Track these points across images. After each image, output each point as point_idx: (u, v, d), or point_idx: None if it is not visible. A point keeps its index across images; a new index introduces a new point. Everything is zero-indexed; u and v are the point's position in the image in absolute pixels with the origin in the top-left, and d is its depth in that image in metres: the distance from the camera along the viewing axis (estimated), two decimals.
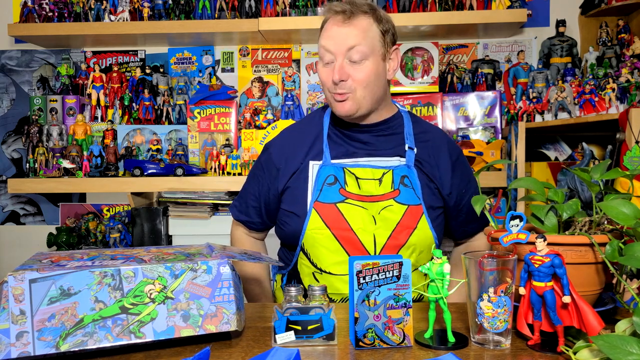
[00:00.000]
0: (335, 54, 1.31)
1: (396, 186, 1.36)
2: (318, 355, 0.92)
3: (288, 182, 1.42)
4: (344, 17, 1.30)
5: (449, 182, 1.41)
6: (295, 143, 1.45)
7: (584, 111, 2.03)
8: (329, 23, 1.33)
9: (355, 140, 1.41)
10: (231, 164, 2.31)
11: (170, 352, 0.94)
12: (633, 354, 0.72)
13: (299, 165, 1.41)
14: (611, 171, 1.02)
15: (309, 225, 1.35)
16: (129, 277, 0.92)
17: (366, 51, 1.30)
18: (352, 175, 1.37)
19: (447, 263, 0.95)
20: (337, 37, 1.30)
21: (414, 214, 1.35)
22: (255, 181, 1.50)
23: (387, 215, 1.34)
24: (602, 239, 0.95)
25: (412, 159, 1.39)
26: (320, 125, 1.45)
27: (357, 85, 1.31)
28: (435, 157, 1.42)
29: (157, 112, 2.57)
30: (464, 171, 1.46)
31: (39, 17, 2.51)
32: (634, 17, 2.37)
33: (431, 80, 2.55)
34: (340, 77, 1.29)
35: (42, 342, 0.87)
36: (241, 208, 1.53)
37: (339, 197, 1.35)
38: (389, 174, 1.37)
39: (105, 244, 2.54)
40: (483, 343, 0.95)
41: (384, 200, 1.35)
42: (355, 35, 1.29)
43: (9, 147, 2.80)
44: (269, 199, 1.46)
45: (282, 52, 2.71)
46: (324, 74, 1.35)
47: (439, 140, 1.46)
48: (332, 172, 1.37)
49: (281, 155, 1.44)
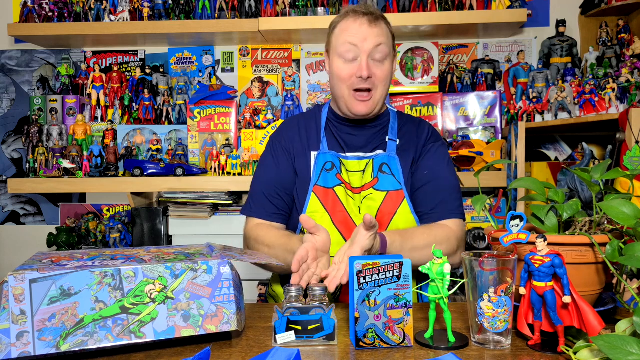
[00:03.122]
0: (362, 51, 1.36)
1: (375, 174, 1.43)
2: (318, 355, 0.92)
3: (296, 166, 1.48)
4: (370, 18, 1.38)
5: (423, 160, 1.47)
6: (298, 132, 1.52)
7: (584, 111, 2.03)
8: (353, 23, 1.38)
9: (347, 136, 1.49)
10: (231, 164, 2.31)
11: (171, 352, 0.94)
12: (633, 354, 0.72)
13: (302, 152, 1.49)
14: (611, 171, 1.02)
15: (308, 208, 1.42)
16: (130, 277, 0.92)
17: (387, 51, 1.40)
18: (344, 166, 1.45)
19: (447, 263, 0.95)
20: (365, 35, 1.36)
21: (394, 199, 1.41)
22: (271, 168, 1.49)
23: (368, 203, 1.42)
24: (602, 239, 0.95)
25: (393, 148, 1.46)
26: (319, 119, 1.53)
27: (378, 84, 1.40)
28: (416, 141, 1.49)
29: (157, 112, 2.57)
30: (435, 153, 1.49)
31: (39, 17, 2.51)
32: (634, 17, 2.37)
33: (431, 80, 2.55)
34: (369, 74, 1.36)
35: (43, 342, 0.87)
36: (261, 204, 1.48)
37: (336, 181, 1.43)
38: (370, 163, 1.44)
39: (105, 244, 2.54)
40: (483, 343, 0.95)
41: (365, 190, 1.43)
42: (381, 35, 1.38)
43: (9, 147, 2.80)
44: (286, 182, 1.48)
45: (282, 52, 2.71)
46: (346, 70, 1.39)
47: (421, 126, 1.53)
48: (330, 158, 1.45)
49: (289, 142, 1.51)
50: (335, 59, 1.41)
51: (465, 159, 2.28)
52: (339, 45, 1.39)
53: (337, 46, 1.40)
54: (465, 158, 2.27)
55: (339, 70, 1.40)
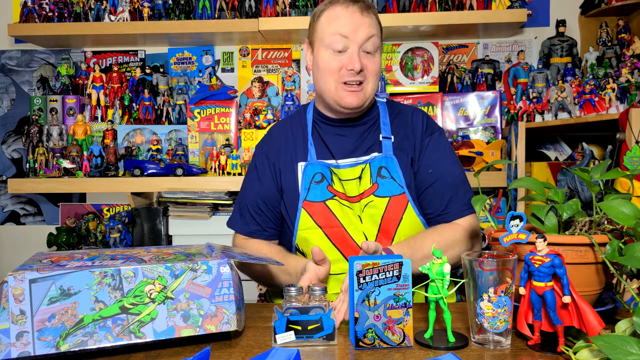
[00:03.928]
0: (353, 42, 1.27)
1: (374, 180, 1.34)
2: (318, 355, 0.92)
3: (282, 181, 1.40)
4: (361, 6, 1.28)
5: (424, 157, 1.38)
6: (285, 142, 1.42)
7: (584, 111, 2.03)
8: (343, 11, 1.28)
9: (335, 139, 1.39)
10: (231, 164, 2.31)
11: (171, 352, 0.94)
12: (633, 354, 0.72)
13: (289, 165, 1.40)
14: (611, 171, 1.02)
15: (299, 225, 1.34)
16: (129, 277, 0.92)
17: (378, 43, 1.31)
18: (336, 176, 1.36)
19: (447, 263, 0.95)
20: (357, 25, 1.26)
21: (398, 205, 1.32)
22: (255, 183, 1.43)
23: (370, 211, 1.33)
24: (602, 239, 0.95)
25: (389, 147, 1.36)
26: (304, 122, 1.43)
27: (370, 77, 1.30)
28: (412, 137, 1.39)
29: (157, 112, 2.57)
30: (434, 147, 1.40)
31: (39, 17, 2.51)
32: (634, 17, 2.37)
33: (431, 80, 2.55)
34: (360, 66, 1.27)
35: (42, 342, 0.87)
36: (245, 220, 1.43)
37: (327, 194, 1.33)
38: (367, 168, 1.34)
39: (105, 244, 2.54)
40: (483, 343, 0.95)
41: (365, 197, 1.33)
42: (372, 25, 1.29)
43: (9, 147, 2.80)
44: (271, 198, 1.41)
45: (282, 52, 2.71)
46: (334, 63, 1.28)
47: (413, 118, 1.42)
48: (319, 169, 1.35)
49: (275, 154, 1.42)
50: (322, 49, 1.30)
51: (465, 159, 2.28)
52: (327, 35, 1.28)
53: (324, 37, 1.28)
54: (465, 158, 2.27)
55: (326, 63, 1.29)
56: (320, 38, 1.31)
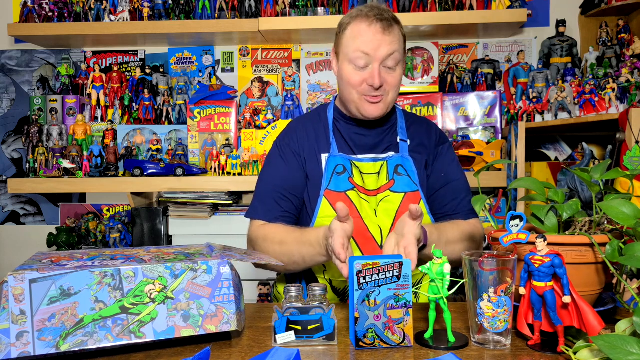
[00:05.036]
0: (374, 59, 1.33)
1: (391, 176, 1.41)
2: (318, 355, 0.92)
3: (307, 169, 1.44)
4: (384, 25, 1.33)
5: (437, 163, 1.48)
6: (307, 134, 1.48)
7: (584, 111, 2.03)
8: (367, 29, 1.33)
9: (356, 136, 1.46)
10: (231, 164, 2.31)
11: (171, 352, 0.94)
12: (633, 354, 0.72)
13: (312, 155, 1.45)
14: (611, 171, 1.02)
15: (319, 212, 1.39)
16: (129, 277, 0.92)
17: (399, 58, 1.37)
18: (357, 168, 1.42)
19: (447, 263, 0.95)
20: (379, 43, 1.32)
21: (412, 201, 1.39)
22: (281, 170, 1.45)
23: (385, 206, 1.39)
24: (602, 239, 0.95)
25: (405, 149, 1.45)
26: (325, 120, 1.50)
27: (390, 90, 1.37)
28: (427, 144, 1.49)
29: (157, 112, 2.57)
30: (446, 155, 1.51)
31: (39, 17, 2.51)
32: (634, 17, 2.37)
33: (431, 80, 2.55)
34: (380, 82, 1.34)
35: (42, 342, 0.87)
36: (268, 207, 1.44)
37: (348, 185, 1.40)
38: (384, 165, 1.42)
39: (105, 244, 2.54)
40: (483, 343, 0.95)
41: (382, 192, 1.40)
42: (394, 42, 1.34)
43: (9, 147, 2.80)
44: (297, 184, 1.43)
45: (282, 52, 2.71)
46: (357, 77, 1.36)
47: (429, 128, 1.53)
48: (341, 161, 1.42)
49: (299, 144, 1.47)
50: (346, 64, 1.37)
51: (465, 159, 2.28)
52: (350, 52, 1.35)
53: (348, 52, 1.35)
54: (465, 158, 2.27)
55: (349, 77, 1.37)
56: (345, 52, 1.37)
